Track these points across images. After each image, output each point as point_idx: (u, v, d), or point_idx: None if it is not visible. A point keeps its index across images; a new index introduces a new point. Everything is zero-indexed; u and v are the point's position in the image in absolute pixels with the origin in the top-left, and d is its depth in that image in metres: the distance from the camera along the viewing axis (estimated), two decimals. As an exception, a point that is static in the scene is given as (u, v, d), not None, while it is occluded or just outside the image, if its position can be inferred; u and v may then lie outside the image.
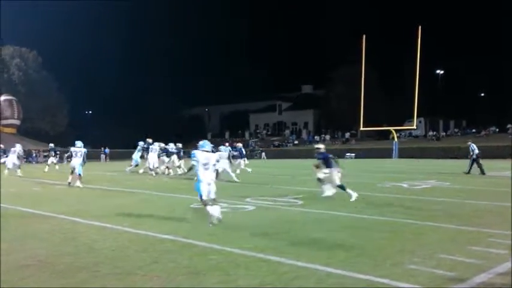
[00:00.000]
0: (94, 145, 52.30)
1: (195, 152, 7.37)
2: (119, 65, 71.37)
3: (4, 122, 53.32)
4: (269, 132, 74.63)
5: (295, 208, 9.14)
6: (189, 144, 55.02)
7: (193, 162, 7.28)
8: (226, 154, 16.78)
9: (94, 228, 7.04)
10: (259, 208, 9.11)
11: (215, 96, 76.76)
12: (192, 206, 9.37)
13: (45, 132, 56.97)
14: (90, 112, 75.82)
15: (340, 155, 48.13)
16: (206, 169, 7.21)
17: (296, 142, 64.14)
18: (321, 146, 11.55)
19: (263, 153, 52.94)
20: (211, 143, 9.60)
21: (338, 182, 10.54)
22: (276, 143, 63.78)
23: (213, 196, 7.18)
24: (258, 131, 76.19)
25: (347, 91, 56.03)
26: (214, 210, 7.05)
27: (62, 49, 64.14)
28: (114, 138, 58.17)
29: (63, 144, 34.32)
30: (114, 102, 69.99)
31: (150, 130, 60.45)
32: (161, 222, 7.45)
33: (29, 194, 12.35)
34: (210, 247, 5.56)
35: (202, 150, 7.43)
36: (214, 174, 7.44)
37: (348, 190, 10.34)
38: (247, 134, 73.71)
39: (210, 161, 7.30)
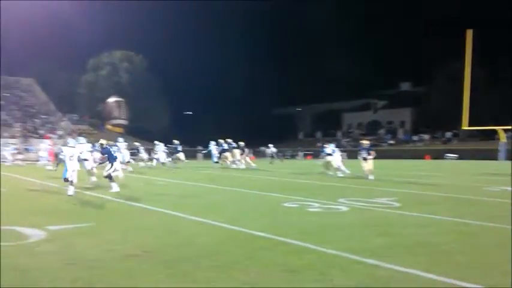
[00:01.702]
0: (192, 144, 54.92)
1: (62, 147, 10.78)
2: (215, 69, 73.90)
3: (113, 122, 57.94)
4: (363, 132, 72.75)
5: (392, 210, 8.82)
6: (281, 143, 56.04)
7: (61, 156, 10.89)
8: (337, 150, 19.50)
9: (194, 222, 7.40)
10: (353, 209, 8.94)
11: (308, 95, 76.40)
12: (284, 204, 9.45)
13: (148, 131, 60.89)
14: (190, 113, 79.58)
15: (439, 155, 45.75)
16: (71, 160, 10.20)
17: (391, 142, 61.84)
18: (104, 141, 12.87)
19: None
20: (303, 142, 9.96)
21: (107, 173, 12.07)
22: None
23: (75, 181, 10.63)
24: (350, 130, 74.64)
25: (449, 88, 52.76)
26: (71, 189, 10.50)
27: (166, 53, 67.82)
28: (209, 138, 60.62)
29: (166, 142, 36.27)
30: (211, 103, 72.77)
31: (243, 130, 62.12)
32: (255, 220, 7.62)
33: (133, 189, 13.26)
34: (304, 246, 5.58)
35: (68, 146, 10.58)
36: (78, 164, 10.59)
37: (113, 183, 11.89)
38: (339, 134, 72.56)
39: (74, 154, 10.47)
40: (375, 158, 17.46)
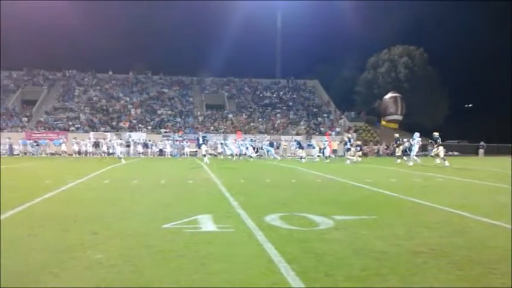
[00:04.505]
0: (473, 140, 50.24)
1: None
2: (499, 57, 65.33)
3: (388, 117, 58.20)
4: None
5: None
6: None
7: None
8: None
9: (483, 224, 6.76)
10: None
11: None
12: None
13: (422, 126, 58.73)
14: (471, 105, 72.91)
15: None
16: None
17: None
18: (200, 133, 13.77)
19: None
20: None
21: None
22: None
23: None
24: None
25: None
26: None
27: (447, 45, 64.17)
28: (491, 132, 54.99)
29: (442, 138, 34.33)
30: (496, 96, 64.90)
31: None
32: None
33: (415, 186, 12.99)
34: None
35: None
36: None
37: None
38: None
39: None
40: None
